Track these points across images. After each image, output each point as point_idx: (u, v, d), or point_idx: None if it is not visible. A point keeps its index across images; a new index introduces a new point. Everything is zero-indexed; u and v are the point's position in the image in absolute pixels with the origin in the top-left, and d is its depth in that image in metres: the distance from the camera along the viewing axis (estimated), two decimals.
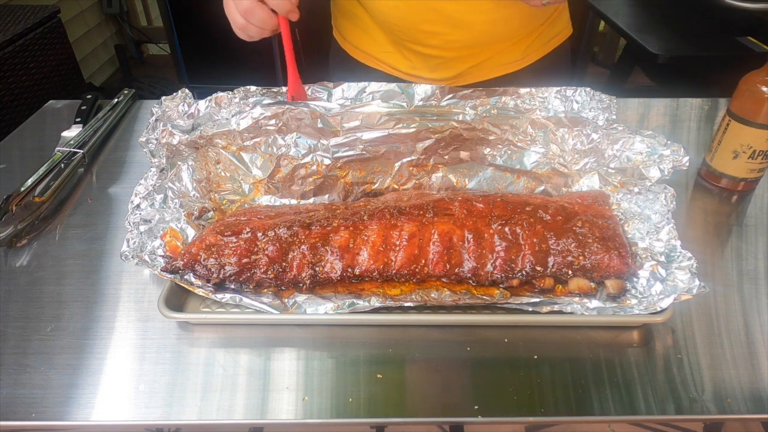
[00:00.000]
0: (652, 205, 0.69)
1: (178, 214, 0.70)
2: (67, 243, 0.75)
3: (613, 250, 0.62)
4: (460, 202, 0.68)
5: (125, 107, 1.04)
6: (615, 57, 2.86)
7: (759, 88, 0.73)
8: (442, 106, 0.81)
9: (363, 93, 0.83)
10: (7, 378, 0.58)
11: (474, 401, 0.55)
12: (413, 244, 0.64)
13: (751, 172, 0.79)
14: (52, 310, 0.65)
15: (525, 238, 0.64)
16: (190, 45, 2.53)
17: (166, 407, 0.56)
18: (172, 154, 0.74)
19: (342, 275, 0.64)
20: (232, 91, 0.82)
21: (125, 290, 0.68)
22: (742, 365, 0.58)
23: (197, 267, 0.63)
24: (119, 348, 0.61)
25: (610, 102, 0.80)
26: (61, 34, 2.03)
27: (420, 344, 0.61)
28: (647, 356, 0.59)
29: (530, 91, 0.81)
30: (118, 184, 0.86)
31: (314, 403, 0.56)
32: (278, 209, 0.72)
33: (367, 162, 0.78)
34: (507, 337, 0.61)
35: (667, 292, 0.60)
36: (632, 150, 0.72)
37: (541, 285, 0.64)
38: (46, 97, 1.20)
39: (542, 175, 0.78)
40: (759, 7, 1.67)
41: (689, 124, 0.98)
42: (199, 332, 0.63)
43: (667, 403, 0.55)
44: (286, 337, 0.62)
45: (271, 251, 0.64)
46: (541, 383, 0.57)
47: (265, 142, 0.77)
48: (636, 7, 2.01)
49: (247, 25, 0.76)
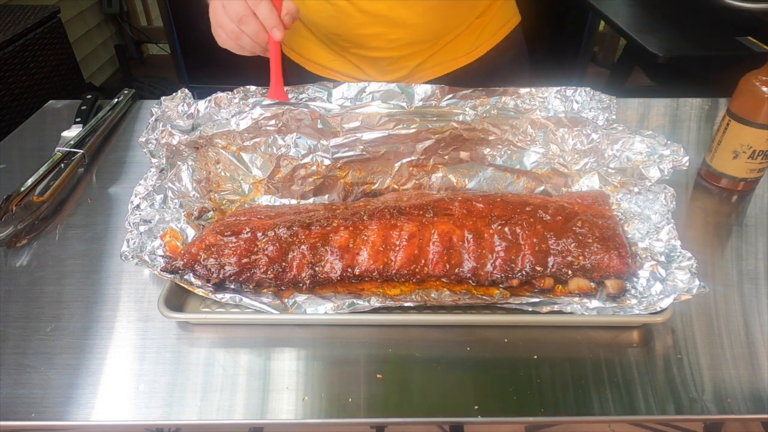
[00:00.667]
0: (652, 205, 0.69)
1: (178, 214, 0.70)
2: (67, 243, 0.75)
3: (613, 250, 0.62)
4: (460, 202, 0.68)
5: (125, 107, 1.04)
6: (615, 57, 2.87)
7: (759, 88, 0.73)
8: (442, 106, 0.81)
9: (363, 93, 0.83)
10: (7, 378, 0.58)
11: (474, 401, 0.55)
12: (413, 244, 0.64)
13: (751, 172, 0.79)
14: (52, 310, 0.65)
15: (525, 238, 0.64)
16: (190, 45, 2.53)
17: (166, 407, 0.56)
18: (171, 154, 0.74)
19: (342, 275, 0.64)
20: (232, 91, 0.82)
21: (125, 290, 0.68)
22: (742, 365, 0.58)
23: (197, 267, 0.63)
24: (119, 348, 0.61)
25: (610, 102, 0.80)
26: (61, 34, 2.03)
27: (420, 344, 0.61)
28: (647, 356, 0.59)
29: (530, 91, 0.81)
30: (118, 184, 0.86)
31: (314, 403, 0.56)
32: (278, 209, 0.72)
33: (367, 162, 0.78)
34: (507, 337, 0.61)
35: (667, 292, 0.60)
36: (632, 150, 0.72)
37: (541, 285, 0.64)
38: (46, 97, 1.20)
39: (542, 175, 0.78)
40: (759, 7, 1.67)
41: (689, 124, 0.98)
42: (199, 332, 0.63)
43: (667, 403, 0.55)
44: (286, 337, 0.62)
45: (271, 251, 0.64)
46: (541, 383, 0.57)
47: (265, 142, 0.77)
48: (636, 7, 2.01)
49: (240, 34, 0.74)
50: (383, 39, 0.90)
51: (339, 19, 0.89)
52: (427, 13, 0.88)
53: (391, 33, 0.89)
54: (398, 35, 0.90)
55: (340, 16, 0.88)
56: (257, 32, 0.74)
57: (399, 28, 0.89)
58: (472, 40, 0.97)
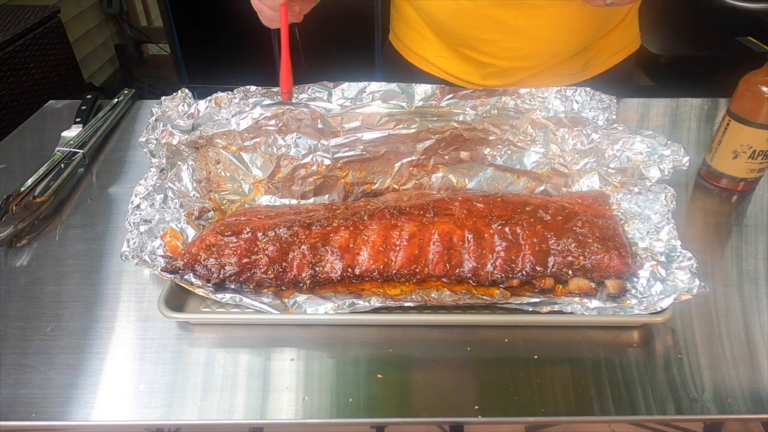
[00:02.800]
0: (652, 205, 0.69)
1: (178, 214, 0.70)
2: (67, 243, 0.75)
3: (613, 250, 0.62)
4: (460, 202, 0.68)
5: (125, 107, 1.04)
6: None
7: (759, 88, 0.73)
8: (442, 106, 0.81)
9: (363, 93, 0.83)
10: (7, 378, 0.58)
11: (474, 401, 0.55)
12: (413, 244, 0.64)
13: (751, 172, 0.79)
14: (52, 310, 0.65)
15: (525, 238, 0.64)
16: (190, 45, 2.53)
17: (166, 407, 0.56)
18: (172, 154, 0.74)
19: (342, 275, 0.64)
20: (232, 91, 0.82)
21: (125, 290, 0.68)
22: (742, 365, 0.58)
23: (197, 267, 0.63)
24: (119, 348, 0.61)
25: (610, 102, 0.80)
26: (61, 34, 2.03)
27: (420, 344, 0.61)
28: (647, 356, 0.59)
29: (530, 91, 0.81)
30: (118, 184, 0.86)
31: (314, 403, 0.56)
32: (278, 209, 0.72)
33: (367, 162, 0.78)
34: (507, 337, 0.61)
35: (667, 292, 0.60)
36: (632, 150, 0.72)
37: (541, 285, 0.64)
38: (46, 97, 1.20)
39: (542, 175, 0.78)
40: (759, 7, 1.67)
41: (689, 124, 0.98)
42: (199, 332, 0.63)
43: (667, 403, 0.55)
44: (286, 337, 0.62)
45: (271, 251, 0.64)
46: (541, 383, 0.57)
47: (265, 142, 0.77)
48: None
49: (261, 7, 0.77)
50: (499, 46, 0.88)
51: (462, 19, 0.87)
52: (552, 27, 0.85)
53: (508, 41, 0.87)
54: (515, 45, 0.87)
55: (463, 16, 0.86)
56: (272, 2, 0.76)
57: (518, 38, 0.86)
58: (585, 60, 0.92)
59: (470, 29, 0.87)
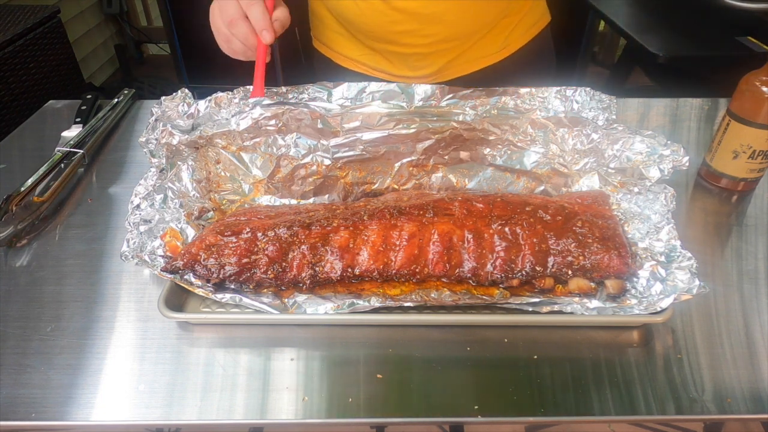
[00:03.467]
0: (652, 205, 0.69)
1: (178, 214, 0.70)
2: (67, 243, 0.75)
3: (613, 250, 0.62)
4: (460, 202, 0.68)
5: (125, 107, 1.04)
6: (615, 57, 2.86)
7: (759, 88, 0.73)
8: (442, 106, 0.81)
9: (363, 93, 0.83)
10: (7, 378, 0.58)
11: (474, 401, 0.55)
12: (413, 244, 0.64)
13: (751, 172, 0.79)
14: (52, 310, 0.65)
15: (525, 238, 0.64)
16: (190, 45, 2.53)
17: (166, 407, 0.56)
18: (172, 154, 0.74)
19: (342, 275, 0.64)
20: (232, 91, 0.82)
21: (125, 290, 0.68)
22: (742, 365, 0.58)
23: (197, 267, 0.63)
24: (119, 348, 0.61)
25: (610, 102, 0.80)
26: (61, 34, 2.03)
27: (420, 344, 0.61)
28: (647, 356, 0.59)
29: (530, 91, 0.81)
30: (118, 184, 0.86)
31: (314, 403, 0.56)
32: (278, 209, 0.72)
33: (367, 162, 0.78)
34: (507, 337, 0.61)
35: (667, 292, 0.60)
36: (632, 150, 0.72)
37: (541, 285, 0.64)
38: (46, 97, 1.20)
39: (542, 175, 0.78)
40: (759, 7, 1.67)
41: (689, 124, 0.98)
42: (199, 332, 0.63)
43: (667, 403, 0.55)
44: (286, 337, 0.62)
45: (271, 251, 0.64)
46: (541, 383, 0.57)
47: (265, 142, 0.77)
48: (636, 7, 2.01)
49: (230, 37, 0.75)
50: (415, 35, 0.91)
51: (371, 17, 0.89)
52: (459, 10, 0.88)
53: (424, 29, 0.90)
54: (431, 31, 0.90)
55: (373, 14, 0.88)
56: (247, 35, 0.74)
57: (431, 24, 0.89)
58: (503, 38, 0.97)
59: (385, 24, 0.89)
